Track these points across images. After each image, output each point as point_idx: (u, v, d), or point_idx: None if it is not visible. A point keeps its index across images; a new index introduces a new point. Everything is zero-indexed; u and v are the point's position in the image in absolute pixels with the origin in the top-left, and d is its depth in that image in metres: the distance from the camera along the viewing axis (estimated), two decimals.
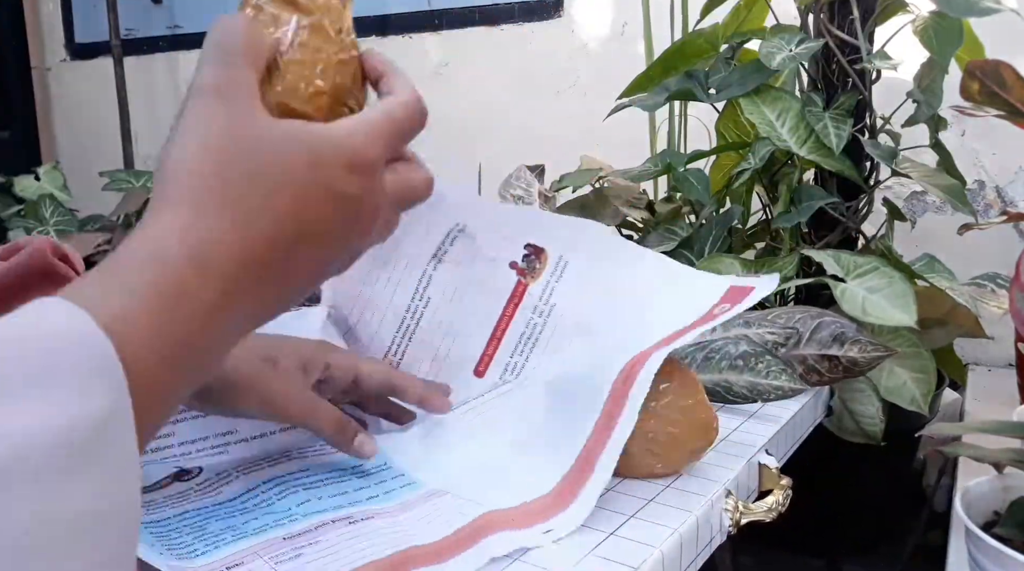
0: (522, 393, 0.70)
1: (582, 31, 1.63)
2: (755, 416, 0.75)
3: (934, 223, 1.34)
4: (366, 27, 1.95)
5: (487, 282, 0.73)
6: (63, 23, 2.47)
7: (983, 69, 0.60)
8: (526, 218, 0.76)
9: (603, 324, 0.70)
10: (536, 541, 0.52)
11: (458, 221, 0.73)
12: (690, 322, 0.65)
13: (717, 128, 1.14)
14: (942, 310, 1.00)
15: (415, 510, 0.57)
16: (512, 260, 0.73)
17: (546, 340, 0.72)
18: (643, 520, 0.56)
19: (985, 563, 0.59)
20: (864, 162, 1.04)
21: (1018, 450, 0.68)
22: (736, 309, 0.65)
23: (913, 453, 1.06)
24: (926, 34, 0.92)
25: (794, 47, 0.96)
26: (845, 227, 1.04)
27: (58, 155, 2.55)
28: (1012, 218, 0.81)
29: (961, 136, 1.31)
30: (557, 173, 1.21)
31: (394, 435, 0.67)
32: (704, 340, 0.80)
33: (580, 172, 1.21)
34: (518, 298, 0.73)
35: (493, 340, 0.73)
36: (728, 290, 0.67)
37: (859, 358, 0.80)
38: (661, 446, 0.61)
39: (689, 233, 1.06)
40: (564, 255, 0.73)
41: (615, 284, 0.71)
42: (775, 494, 0.65)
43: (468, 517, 0.55)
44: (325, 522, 0.54)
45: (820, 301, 0.97)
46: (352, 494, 0.59)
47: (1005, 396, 1.09)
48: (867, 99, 1.01)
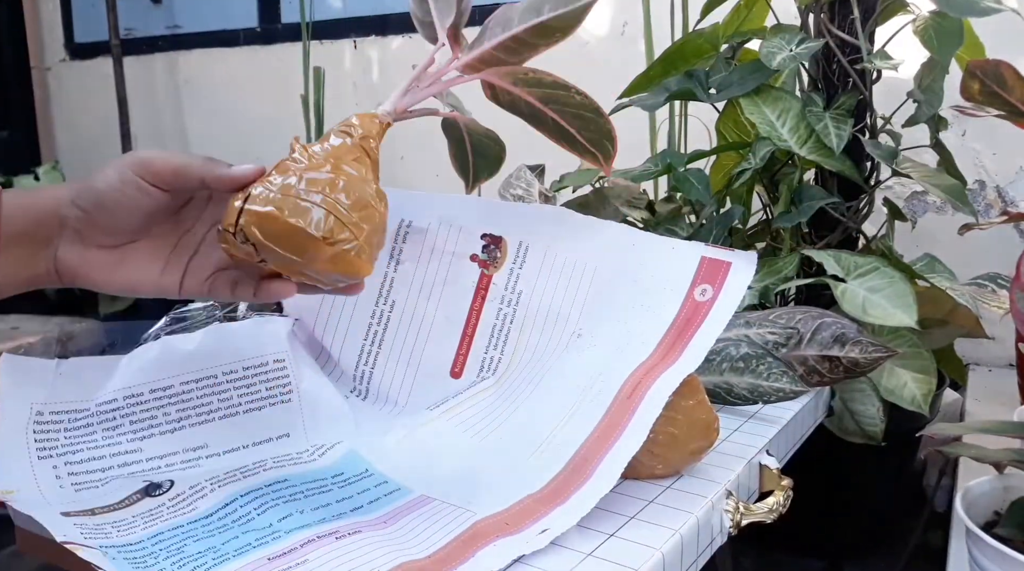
0: (504, 392, 0.68)
1: (582, 31, 1.63)
2: (756, 417, 0.75)
3: (935, 223, 1.34)
4: (367, 27, 1.95)
5: (450, 278, 0.72)
6: (63, 23, 2.47)
7: (984, 69, 0.60)
8: (478, 208, 0.75)
9: (574, 307, 0.69)
10: (532, 544, 0.51)
11: (402, 217, 0.73)
12: (676, 309, 0.64)
13: (717, 128, 1.14)
14: (943, 310, 1.00)
15: (403, 520, 0.55)
16: (472, 253, 0.72)
17: (518, 330, 0.71)
18: (643, 521, 0.56)
19: (985, 563, 0.59)
20: (865, 162, 1.04)
21: (1018, 450, 0.67)
22: (721, 295, 0.64)
23: (913, 453, 1.06)
24: (926, 34, 0.92)
25: (794, 47, 0.96)
26: (846, 227, 1.04)
27: (57, 155, 2.55)
28: (1013, 218, 0.81)
29: (962, 136, 1.31)
30: (557, 173, 1.21)
31: (374, 439, 0.66)
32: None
33: (580, 172, 1.21)
34: (484, 291, 0.72)
35: (465, 337, 0.72)
36: (702, 262, 0.66)
37: (860, 359, 0.80)
38: (662, 447, 0.61)
39: (689, 233, 1.06)
40: (523, 241, 0.72)
41: (581, 261, 0.70)
42: (776, 495, 0.65)
43: (459, 526, 0.53)
44: (310, 538, 0.52)
45: (821, 301, 0.97)
46: (335, 506, 0.57)
47: (1006, 396, 1.09)
48: (868, 99, 1.01)
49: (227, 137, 2.19)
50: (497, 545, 0.51)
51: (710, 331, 0.63)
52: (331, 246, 0.51)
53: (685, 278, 0.66)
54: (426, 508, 0.57)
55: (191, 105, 2.25)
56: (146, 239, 0.57)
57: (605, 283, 0.69)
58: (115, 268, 0.56)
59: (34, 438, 0.59)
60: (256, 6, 2.12)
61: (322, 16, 1.98)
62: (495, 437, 0.64)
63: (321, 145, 0.55)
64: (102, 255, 0.55)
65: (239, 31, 2.14)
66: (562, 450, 0.59)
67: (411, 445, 0.65)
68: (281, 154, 0.54)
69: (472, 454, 0.63)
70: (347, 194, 0.52)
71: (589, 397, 0.62)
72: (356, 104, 1.98)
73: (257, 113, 2.12)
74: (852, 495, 1.03)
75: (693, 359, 0.61)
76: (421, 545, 0.52)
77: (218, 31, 2.17)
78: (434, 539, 0.52)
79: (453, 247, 0.72)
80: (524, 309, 0.71)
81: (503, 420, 0.65)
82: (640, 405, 0.58)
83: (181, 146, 2.31)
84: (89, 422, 0.61)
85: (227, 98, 2.18)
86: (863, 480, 1.02)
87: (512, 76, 0.61)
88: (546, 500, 0.56)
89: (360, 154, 0.55)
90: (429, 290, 0.72)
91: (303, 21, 1.85)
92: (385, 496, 0.59)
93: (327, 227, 0.51)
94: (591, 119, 0.61)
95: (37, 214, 0.54)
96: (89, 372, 0.64)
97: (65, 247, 0.55)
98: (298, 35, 1.88)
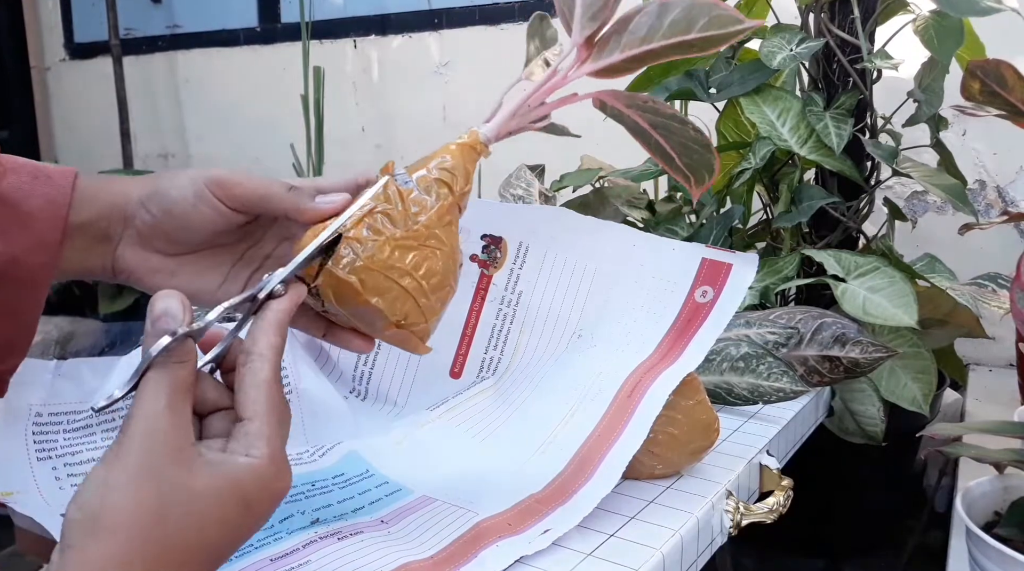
0: (504, 392, 0.68)
1: None
2: (756, 417, 0.75)
3: (935, 223, 1.34)
4: (366, 26, 1.95)
5: None
6: (62, 23, 2.47)
7: (984, 69, 0.60)
8: (478, 209, 0.73)
9: (574, 307, 0.69)
10: (535, 545, 0.52)
11: None
12: (676, 310, 0.64)
13: (718, 128, 1.14)
14: (943, 310, 1.00)
15: (405, 520, 0.55)
16: (471, 253, 0.72)
17: (518, 330, 0.70)
18: (644, 521, 0.56)
19: (986, 563, 0.59)
20: (865, 162, 1.04)
21: (1019, 450, 0.67)
22: (722, 297, 0.64)
23: (914, 453, 1.06)
24: (927, 33, 0.92)
25: (795, 46, 0.96)
26: (846, 227, 1.04)
27: (57, 155, 2.55)
28: (1013, 218, 0.81)
29: (962, 136, 1.31)
30: (557, 173, 1.21)
31: (374, 440, 0.66)
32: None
33: (580, 172, 1.21)
34: (484, 291, 0.71)
35: (465, 338, 0.71)
36: (703, 263, 0.66)
37: (861, 359, 0.80)
38: (662, 447, 0.61)
39: (690, 233, 1.05)
40: (524, 241, 0.71)
41: (581, 262, 0.70)
42: (776, 495, 0.65)
43: (461, 527, 0.53)
44: (312, 539, 0.51)
45: (821, 301, 0.97)
46: (336, 506, 0.56)
47: (1006, 396, 1.09)
48: (868, 99, 1.01)
49: (227, 137, 2.19)
50: (500, 546, 0.51)
51: (710, 332, 0.63)
52: (399, 328, 0.49)
53: (686, 279, 0.66)
54: (428, 509, 0.56)
55: (191, 105, 2.25)
56: (209, 249, 0.54)
57: (605, 284, 0.69)
58: (174, 274, 0.53)
59: (33, 439, 0.59)
60: (256, 6, 2.12)
61: (322, 16, 1.98)
62: (496, 437, 0.64)
63: (419, 187, 0.50)
64: (162, 260, 0.53)
65: (239, 31, 2.14)
66: (563, 450, 0.59)
67: (411, 445, 0.65)
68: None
69: (473, 454, 0.63)
70: (433, 274, 0.49)
71: (589, 397, 0.62)
72: (356, 104, 1.98)
73: (257, 113, 2.12)
74: (852, 495, 1.03)
75: (693, 359, 0.61)
76: (423, 546, 0.52)
77: (218, 31, 2.17)
78: (436, 540, 0.52)
79: None
80: (524, 309, 0.71)
81: (503, 420, 0.65)
82: (640, 405, 0.58)
83: (180, 145, 2.31)
84: (88, 423, 0.61)
85: (227, 98, 2.18)
86: (863, 480, 1.02)
87: (628, 100, 0.57)
88: (548, 500, 0.56)
89: (454, 215, 0.51)
90: None
91: (303, 21, 1.85)
92: (386, 497, 0.58)
93: (403, 312, 0.48)
94: (697, 151, 0.57)
95: (102, 207, 0.52)
96: (88, 373, 0.64)
97: (126, 246, 0.53)
98: (298, 35, 1.88)
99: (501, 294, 0.71)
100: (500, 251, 0.72)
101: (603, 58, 0.55)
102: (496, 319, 0.71)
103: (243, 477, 0.39)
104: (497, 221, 0.72)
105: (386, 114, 1.96)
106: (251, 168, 2.10)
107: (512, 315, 0.71)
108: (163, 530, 0.37)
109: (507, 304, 0.71)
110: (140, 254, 0.53)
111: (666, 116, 0.57)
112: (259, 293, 0.44)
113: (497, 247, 0.72)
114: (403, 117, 1.92)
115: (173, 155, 2.33)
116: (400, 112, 1.93)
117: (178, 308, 0.40)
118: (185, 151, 2.31)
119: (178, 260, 0.53)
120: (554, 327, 0.70)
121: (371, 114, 1.98)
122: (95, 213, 0.51)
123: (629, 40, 0.54)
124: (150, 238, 0.52)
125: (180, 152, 2.32)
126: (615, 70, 0.55)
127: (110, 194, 0.52)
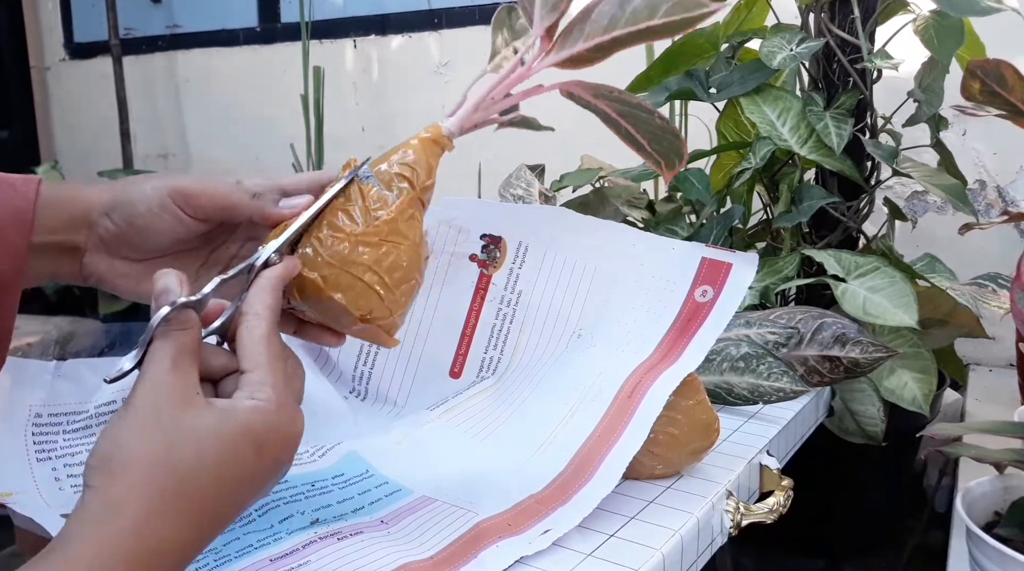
0: (504, 392, 0.68)
1: None
2: (756, 417, 0.75)
3: (935, 223, 1.34)
4: (367, 26, 1.95)
5: (449, 278, 0.72)
6: (62, 22, 2.47)
7: (984, 68, 0.60)
8: (477, 209, 0.74)
9: (574, 307, 0.69)
10: (535, 545, 0.52)
11: None
12: (676, 310, 0.64)
13: (718, 128, 1.14)
14: (943, 310, 1.00)
15: (405, 521, 0.55)
16: (471, 253, 0.72)
17: (517, 330, 0.70)
18: (644, 522, 0.56)
19: (986, 563, 0.59)
20: (865, 162, 1.04)
21: (1019, 450, 0.67)
22: (722, 297, 0.64)
23: (914, 454, 1.06)
24: (927, 33, 0.92)
25: (795, 46, 0.96)
26: (846, 227, 1.04)
27: (57, 155, 2.55)
28: (1013, 218, 0.81)
29: (962, 136, 1.31)
30: (557, 173, 1.21)
31: (374, 440, 0.65)
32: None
33: (580, 172, 1.21)
34: (483, 291, 0.72)
35: (464, 337, 0.72)
36: (702, 263, 0.66)
37: (861, 359, 0.80)
38: (662, 447, 0.61)
39: (690, 233, 1.05)
40: (523, 241, 0.71)
41: (581, 261, 0.70)
42: (776, 495, 0.65)
43: (461, 527, 0.53)
44: (312, 539, 0.51)
45: (821, 301, 0.97)
46: (336, 507, 0.56)
47: (1006, 396, 1.09)
48: (868, 98, 1.01)
49: (227, 137, 2.19)
50: (500, 546, 0.51)
51: (710, 332, 0.63)
52: (365, 322, 0.50)
53: (685, 279, 0.66)
54: (428, 509, 0.56)
55: (191, 105, 2.25)
56: (175, 254, 0.55)
57: (605, 283, 0.69)
58: (141, 279, 0.55)
59: (33, 440, 0.59)
60: (256, 6, 2.12)
61: (322, 16, 1.97)
62: (496, 437, 0.64)
63: (380, 182, 0.50)
64: (129, 265, 0.54)
65: (239, 31, 2.14)
66: (563, 450, 0.59)
67: (411, 446, 0.65)
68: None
69: (473, 455, 0.63)
70: (395, 268, 0.49)
71: (589, 397, 0.62)
72: (356, 104, 1.98)
73: (257, 112, 2.12)
74: (852, 495, 1.03)
75: (693, 359, 0.61)
76: (423, 546, 0.52)
77: (218, 31, 2.17)
78: (436, 540, 0.52)
79: (452, 247, 0.72)
80: (524, 309, 0.71)
81: (503, 420, 0.65)
82: (640, 405, 0.58)
83: (180, 145, 2.30)
84: (88, 424, 0.61)
85: (227, 98, 2.18)
86: (863, 480, 1.02)
87: (594, 90, 0.58)
88: (548, 500, 0.56)
89: (417, 209, 0.51)
90: (428, 290, 0.72)
91: (303, 21, 1.85)
92: (386, 497, 0.58)
93: (367, 307, 0.49)
94: (666, 138, 0.58)
95: (66, 217, 0.53)
96: (88, 374, 0.64)
97: (92, 253, 0.54)
98: (298, 34, 1.88)
99: (501, 294, 0.71)
100: (500, 251, 0.72)
101: (566, 48, 0.55)
102: (496, 319, 0.71)
103: (249, 419, 0.40)
104: (497, 221, 0.72)
105: (386, 114, 1.96)
106: (251, 168, 2.10)
107: (512, 315, 0.71)
108: (175, 471, 0.38)
109: (507, 304, 0.71)
110: (107, 261, 0.54)
111: (632, 105, 0.57)
112: (255, 262, 0.46)
113: (497, 247, 0.72)
114: (403, 117, 1.92)
115: (173, 155, 2.33)
116: (400, 112, 1.93)
117: (176, 283, 0.42)
118: (185, 151, 2.31)
119: (145, 265, 0.55)
120: (554, 327, 0.70)
121: (371, 114, 1.98)
122: (60, 222, 0.53)
123: (592, 29, 0.54)
124: (115, 246, 0.54)
125: (180, 152, 2.31)
126: (580, 60, 0.55)
127: (73, 203, 0.53)
